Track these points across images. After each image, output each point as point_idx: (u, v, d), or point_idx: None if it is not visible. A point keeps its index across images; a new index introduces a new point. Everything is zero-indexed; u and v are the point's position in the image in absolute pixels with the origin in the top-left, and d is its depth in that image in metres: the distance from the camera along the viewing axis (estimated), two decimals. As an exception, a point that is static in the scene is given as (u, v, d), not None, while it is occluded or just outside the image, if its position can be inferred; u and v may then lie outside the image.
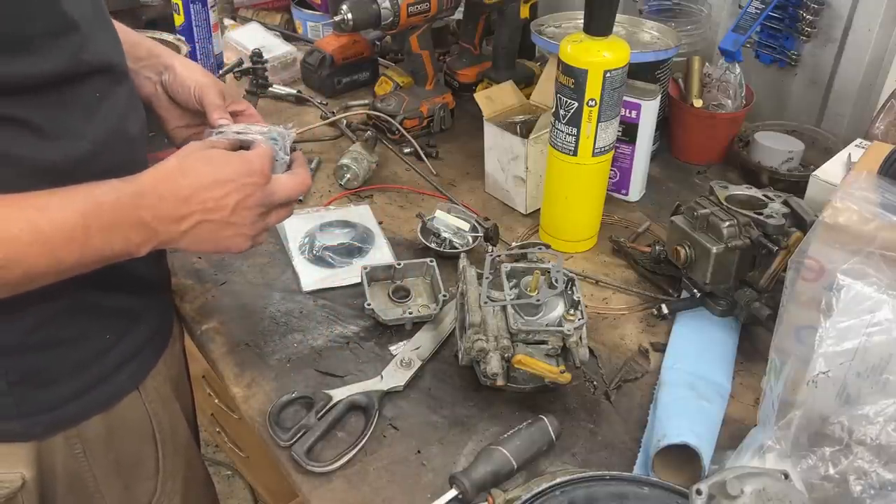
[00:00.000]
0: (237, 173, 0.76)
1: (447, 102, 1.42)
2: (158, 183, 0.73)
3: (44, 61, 0.67)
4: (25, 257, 0.66)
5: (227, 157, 0.77)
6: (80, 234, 0.68)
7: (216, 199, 0.74)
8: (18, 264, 0.66)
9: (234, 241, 0.78)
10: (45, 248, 0.66)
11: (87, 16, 0.73)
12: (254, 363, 0.93)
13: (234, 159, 0.77)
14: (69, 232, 0.67)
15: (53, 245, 0.67)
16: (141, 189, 0.71)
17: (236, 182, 0.75)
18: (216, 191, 0.74)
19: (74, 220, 0.67)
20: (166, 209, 0.72)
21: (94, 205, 0.69)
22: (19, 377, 0.77)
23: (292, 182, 0.81)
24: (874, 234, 0.75)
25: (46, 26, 0.67)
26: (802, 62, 1.36)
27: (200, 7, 1.47)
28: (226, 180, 0.75)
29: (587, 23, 0.99)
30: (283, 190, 0.80)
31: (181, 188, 0.73)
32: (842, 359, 0.74)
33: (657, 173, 1.33)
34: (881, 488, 0.71)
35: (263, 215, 0.79)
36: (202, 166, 0.75)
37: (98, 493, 0.88)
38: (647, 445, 0.83)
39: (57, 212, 0.67)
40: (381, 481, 0.80)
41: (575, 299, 0.89)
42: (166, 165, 0.74)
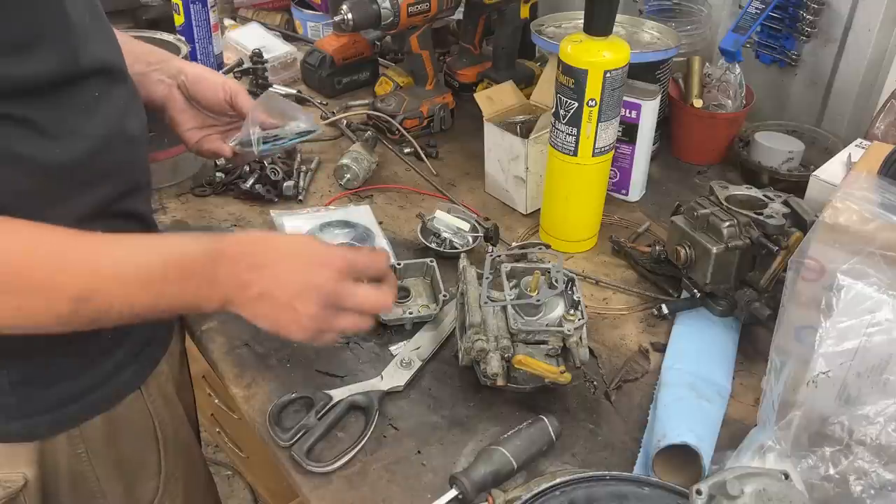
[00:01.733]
0: (312, 262, 0.75)
1: (447, 102, 1.42)
2: (243, 244, 0.75)
3: (44, 63, 0.67)
4: (102, 293, 0.67)
5: (313, 245, 0.77)
6: (159, 279, 0.69)
7: (283, 276, 0.74)
8: (98, 299, 0.67)
9: (291, 328, 0.75)
10: (124, 287, 0.68)
11: (84, 17, 0.73)
12: (254, 363, 0.93)
13: (318, 249, 0.77)
14: (148, 275, 0.69)
15: (131, 286, 0.68)
16: (223, 248, 0.73)
17: (306, 269, 0.75)
18: (283, 270, 0.74)
19: (156, 264, 0.69)
20: (238, 272, 0.73)
21: (178, 254, 0.71)
22: (21, 377, 0.77)
23: (372, 294, 0.78)
24: (874, 234, 0.76)
25: (48, 28, 0.67)
26: (802, 62, 1.36)
27: (200, 7, 1.47)
28: (296, 264, 0.75)
29: (587, 23, 0.99)
30: (357, 297, 0.77)
31: (257, 256, 0.74)
32: (842, 359, 0.74)
33: (657, 173, 1.33)
34: (881, 488, 0.71)
35: (330, 313, 0.75)
36: (286, 244, 0.77)
37: (100, 493, 0.89)
38: (647, 445, 0.83)
39: (142, 254, 0.70)
40: (381, 481, 0.80)
41: (575, 299, 0.89)
42: (258, 232, 0.77)
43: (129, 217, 0.81)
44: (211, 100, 0.98)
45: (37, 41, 0.66)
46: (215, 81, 0.98)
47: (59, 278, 0.66)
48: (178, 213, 1.19)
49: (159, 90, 0.97)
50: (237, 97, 0.99)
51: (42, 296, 0.66)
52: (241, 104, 0.99)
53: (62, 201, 0.72)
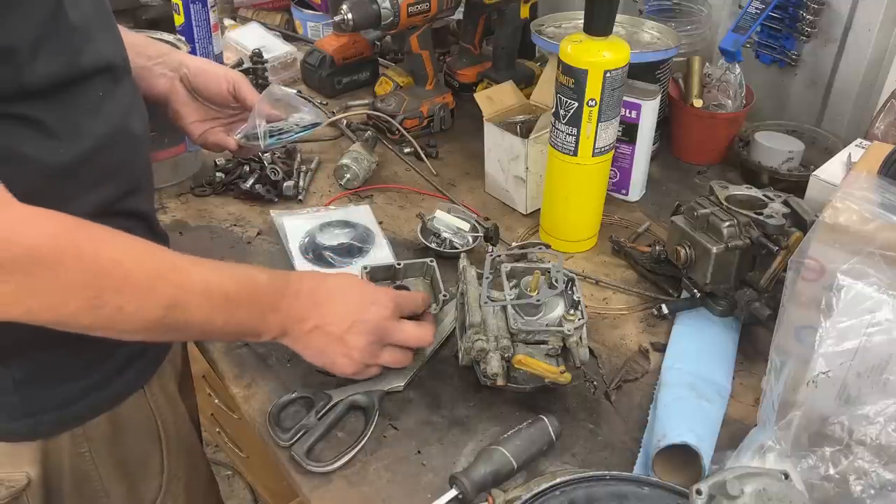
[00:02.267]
0: (364, 299, 0.82)
1: (447, 102, 1.42)
2: (304, 281, 0.81)
3: (46, 66, 0.68)
4: (189, 306, 0.71)
5: (365, 285, 0.85)
6: (234, 301, 0.75)
7: (337, 312, 0.80)
8: (182, 310, 0.71)
9: (341, 361, 0.82)
10: (207, 303, 0.73)
11: (88, 16, 0.73)
12: (254, 363, 0.93)
13: (370, 288, 0.85)
14: (227, 295, 0.74)
15: (215, 302, 0.73)
16: (288, 283, 0.80)
17: (359, 306, 0.81)
18: (341, 305, 0.81)
19: (234, 286, 0.75)
20: (298, 306, 0.79)
21: (251, 281, 0.77)
22: (25, 376, 0.77)
23: (415, 330, 0.85)
24: (874, 234, 0.75)
25: (47, 32, 0.67)
26: (802, 62, 1.36)
27: (200, 7, 1.46)
28: (351, 301, 0.81)
29: (587, 23, 0.99)
30: (403, 332, 0.84)
31: (315, 293, 0.80)
32: (842, 359, 0.74)
33: (657, 173, 1.33)
34: (881, 488, 0.71)
35: (377, 348, 0.83)
36: (342, 282, 0.83)
37: (103, 492, 0.89)
38: (647, 445, 0.83)
39: (221, 276, 0.75)
40: (381, 481, 0.80)
41: (575, 299, 0.89)
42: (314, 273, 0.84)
43: (131, 216, 0.81)
44: (213, 91, 0.99)
45: (37, 45, 0.66)
46: (217, 73, 0.98)
47: (156, 284, 0.69)
48: (178, 212, 1.19)
49: (161, 83, 0.97)
50: (240, 88, 0.99)
51: (140, 298, 0.68)
52: (244, 95, 0.99)
53: (66, 201, 0.72)
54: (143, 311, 0.69)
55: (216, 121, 1.03)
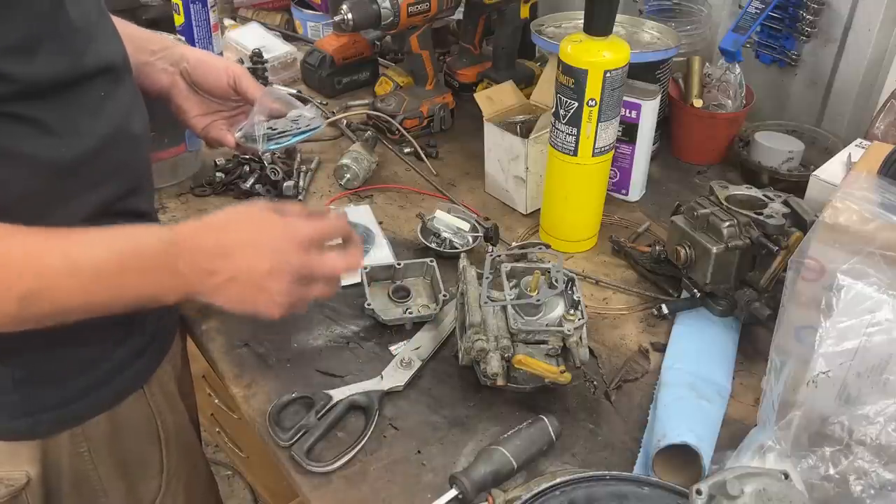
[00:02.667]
0: (277, 240, 0.75)
1: (447, 102, 1.42)
2: (197, 234, 0.74)
3: (48, 65, 0.67)
4: (57, 290, 0.66)
5: (273, 221, 0.76)
6: (116, 273, 0.68)
7: (249, 262, 0.73)
8: (49, 296, 0.66)
9: (266, 307, 0.75)
10: (78, 282, 0.67)
11: (92, 17, 0.73)
12: (254, 363, 0.93)
13: (280, 225, 0.76)
14: (104, 270, 0.68)
15: (86, 281, 0.67)
16: (178, 238, 0.72)
17: (274, 248, 0.74)
18: (251, 253, 0.74)
19: (112, 258, 0.68)
20: (200, 261, 0.72)
21: (133, 247, 0.70)
22: (25, 376, 0.77)
23: (340, 261, 0.79)
24: (874, 234, 0.76)
25: (48, 31, 0.67)
26: (802, 62, 1.36)
27: (200, 7, 1.47)
28: (263, 245, 0.74)
29: (587, 23, 0.99)
30: (326, 267, 0.78)
31: (220, 244, 0.73)
32: (842, 359, 0.74)
33: (657, 173, 1.33)
34: (881, 488, 0.71)
35: (301, 286, 0.76)
36: (246, 225, 0.76)
37: (102, 491, 0.89)
38: (647, 445, 0.83)
39: (96, 248, 0.68)
40: (381, 481, 0.80)
41: (575, 299, 0.89)
42: (212, 218, 0.74)
43: (132, 216, 0.81)
44: (214, 85, 0.97)
45: (38, 44, 0.66)
46: (218, 66, 0.97)
47: (2, 276, 0.64)
48: (178, 213, 1.19)
49: (163, 79, 0.96)
50: (241, 81, 0.97)
51: None
52: (244, 88, 0.98)
53: (67, 200, 0.73)
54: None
55: (219, 114, 1.02)
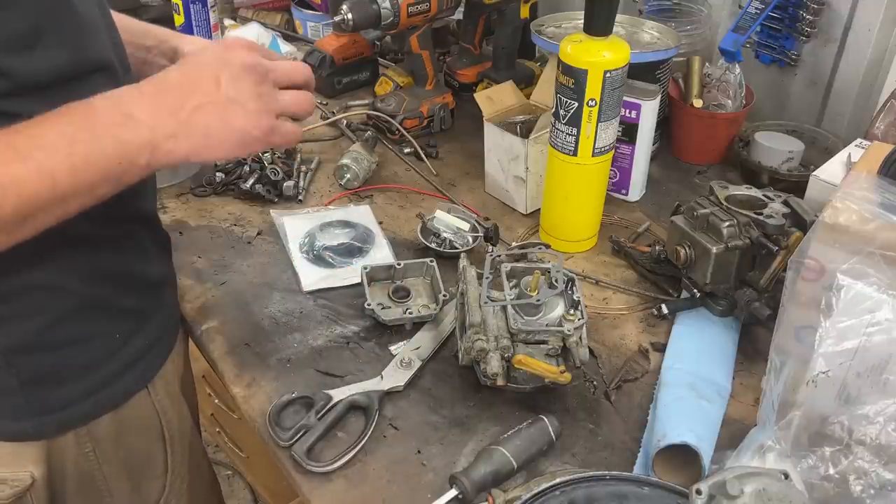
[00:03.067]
0: (216, 51, 0.71)
1: (447, 102, 1.42)
2: (146, 82, 0.68)
3: (49, 59, 0.67)
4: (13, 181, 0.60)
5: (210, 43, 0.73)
6: (65, 139, 0.62)
7: (203, 81, 0.68)
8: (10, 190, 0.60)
9: (247, 121, 0.69)
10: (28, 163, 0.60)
11: (95, 14, 0.73)
12: (254, 363, 0.93)
13: (215, 44, 0.72)
14: (52, 139, 0.61)
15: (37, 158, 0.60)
16: (128, 88, 0.66)
17: (218, 58, 0.69)
18: (201, 73, 0.69)
19: (57, 126, 0.62)
20: (159, 102, 0.66)
21: (80, 108, 0.64)
22: (30, 376, 0.77)
23: (288, 63, 0.74)
24: (874, 234, 0.76)
25: (54, 22, 0.67)
26: (802, 62, 1.36)
27: (200, 7, 1.47)
28: (207, 61, 0.69)
29: (587, 23, 0.99)
30: (279, 65, 0.72)
31: (169, 81, 0.68)
32: (842, 359, 0.74)
33: (657, 173, 1.33)
34: (881, 488, 0.71)
35: (268, 89, 0.71)
36: (189, 58, 0.71)
37: (107, 491, 0.89)
38: (647, 445, 0.83)
39: (37, 125, 0.62)
40: (381, 481, 0.80)
41: (575, 299, 0.89)
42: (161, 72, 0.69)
43: (134, 218, 0.81)
44: None
45: (39, 37, 0.66)
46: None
47: None
48: (178, 213, 1.19)
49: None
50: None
51: None
52: None
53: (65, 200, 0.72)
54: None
55: None
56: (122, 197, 0.78)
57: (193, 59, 0.71)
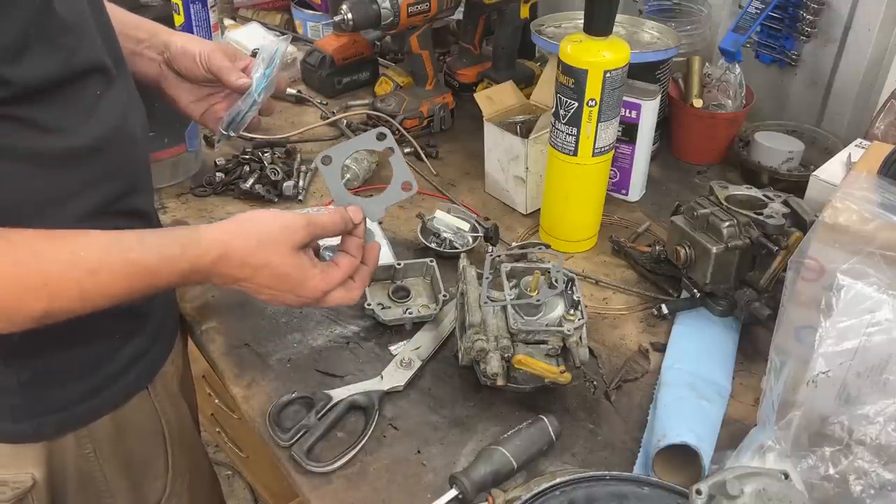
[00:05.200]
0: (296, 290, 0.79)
1: (447, 102, 1.42)
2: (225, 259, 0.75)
3: (40, 65, 0.67)
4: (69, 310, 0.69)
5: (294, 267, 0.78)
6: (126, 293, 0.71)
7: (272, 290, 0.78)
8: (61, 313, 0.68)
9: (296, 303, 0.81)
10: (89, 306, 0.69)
11: (84, 15, 0.73)
12: (254, 363, 0.93)
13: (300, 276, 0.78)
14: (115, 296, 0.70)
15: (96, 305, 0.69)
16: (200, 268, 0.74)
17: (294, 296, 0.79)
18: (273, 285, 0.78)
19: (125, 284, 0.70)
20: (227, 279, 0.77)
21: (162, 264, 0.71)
22: (29, 378, 0.77)
23: (339, 288, 0.82)
24: (874, 234, 0.75)
25: (41, 31, 0.67)
26: (802, 62, 1.36)
27: (200, 7, 1.47)
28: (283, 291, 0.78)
29: (587, 23, 0.99)
30: (321, 286, 0.80)
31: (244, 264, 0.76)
32: (842, 359, 0.74)
33: (657, 173, 1.33)
34: (881, 488, 0.71)
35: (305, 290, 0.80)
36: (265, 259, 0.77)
37: (108, 492, 0.89)
38: (647, 445, 0.83)
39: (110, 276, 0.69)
40: (381, 481, 0.80)
41: (575, 299, 0.89)
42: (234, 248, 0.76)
43: (131, 216, 0.81)
44: (194, 72, 0.93)
45: (27, 45, 0.65)
46: (193, 50, 0.92)
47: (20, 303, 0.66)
48: (178, 212, 1.19)
49: (152, 69, 0.93)
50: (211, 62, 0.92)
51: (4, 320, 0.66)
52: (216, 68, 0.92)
53: (64, 200, 0.73)
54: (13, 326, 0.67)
55: (215, 97, 0.97)
56: (118, 196, 0.78)
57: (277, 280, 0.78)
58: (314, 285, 0.79)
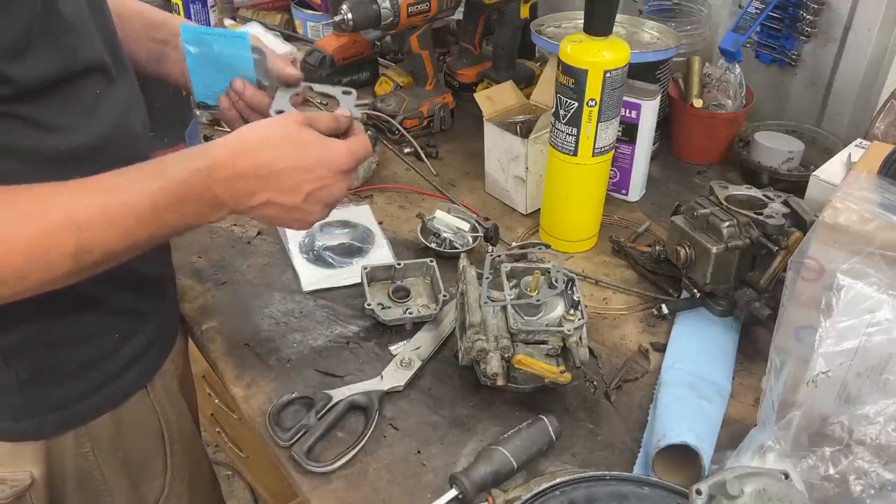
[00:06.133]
0: (321, 164, 0.75)
1: (447, 102, 1.42)
2: (236, 158, 0.72)
3: (43, 64, 0.67)
4: (101, 241, 0.67)
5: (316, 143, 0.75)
6: (151, 213, 0.68)
7: (291, 185, 0.74)
8: (96, 247, 0.67)
9: (298, 224, 0.78)
10: (118, 230, 0.67)
11: (83, 14, 0.73)
12: (254, 363, 0.93)
13: (323, 148, 0.75)
14: (140, 213, 0.68)
15: (126, 226, 0.67)
16: (214, 163, 0.71)
17: (316, 173, 0.75)
18: (294, 176, 0.74)
19: (144, 200, 0.68)
20: (241, 186, 0.72)
21: (163, 184, 0.69)
22: (29, 376, 0.77)
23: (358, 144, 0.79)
24: (874, 234, 0.76)
25: (45, 29, 0.67)
26: (802, 62, 1.36)
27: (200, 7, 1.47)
28: (306, 168, 0.74)
29: (587, 23, 0.99)
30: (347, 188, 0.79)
31: (259, 166, 0.72)
32: (842, 359, 0.74)
33: (657, 173, 1.33)
34: (881, 488, 0.71)
35: (329, 209, 0.79)
36: (288, 147, 0.74)
37: (107, 491, 0.89)
38: (647, 445, 0.83)
39: (126, 194, 0.67)
40: (381, 481, 0.80)
41: (575, 299, 0.89)
42: (249, 137, 0.73)
43: None
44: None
45: (30, 44, 0.66)
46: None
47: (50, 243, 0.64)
48: (178, 213, 1.19)
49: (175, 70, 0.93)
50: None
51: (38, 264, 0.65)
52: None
53: None
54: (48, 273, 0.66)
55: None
56: None
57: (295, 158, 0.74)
58: (336, 147, 0.76)
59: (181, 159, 0.71)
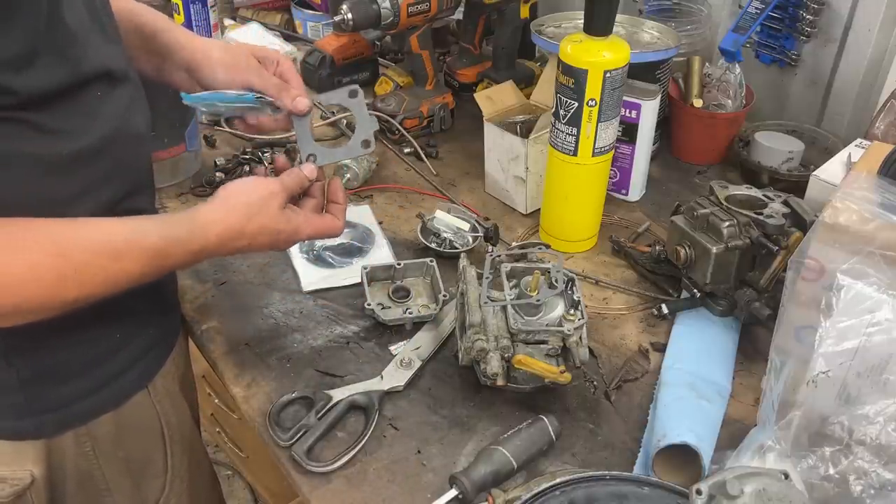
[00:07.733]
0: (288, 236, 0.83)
1: (447, 102, 1.42)
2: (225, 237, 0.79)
3: (48, 75, 0.67)
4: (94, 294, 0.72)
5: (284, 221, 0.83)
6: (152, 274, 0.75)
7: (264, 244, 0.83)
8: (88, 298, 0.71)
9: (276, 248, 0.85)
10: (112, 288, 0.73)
11: (85, 23, 0.73)
12: (254, 363, 0.93)
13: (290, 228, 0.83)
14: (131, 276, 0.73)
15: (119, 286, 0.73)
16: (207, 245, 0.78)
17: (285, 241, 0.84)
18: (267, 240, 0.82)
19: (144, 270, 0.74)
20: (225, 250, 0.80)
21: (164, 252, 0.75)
22: (31, 375, 0.78)
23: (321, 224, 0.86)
24: (874, 233, 0.76)
25: (49, 42, 0.67)
26: (802, 62, 1.36)
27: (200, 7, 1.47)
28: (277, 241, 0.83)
29: (587, 23, 0.99)
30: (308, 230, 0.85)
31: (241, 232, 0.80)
32: (842, 359, 0.74)
33: (657, 173, 1.33)
34: (881, 488, 0.71)
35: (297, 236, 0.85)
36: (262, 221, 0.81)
37: (107, 491, 0.89)
38: (647, 445, 0.83)
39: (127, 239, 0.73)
40: (381, 481, 0.80)
41: (575, 299, 0.89)
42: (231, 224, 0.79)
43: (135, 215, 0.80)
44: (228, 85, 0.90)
45: (36, 55, 0.66)
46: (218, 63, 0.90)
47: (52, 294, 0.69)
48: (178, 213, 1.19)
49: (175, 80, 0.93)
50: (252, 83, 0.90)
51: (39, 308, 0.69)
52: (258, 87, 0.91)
53: (69, 201, 0.73)
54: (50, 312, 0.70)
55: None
56: (122, 196, 0.78)
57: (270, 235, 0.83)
58: (303, 230, 0.85)
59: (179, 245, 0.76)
